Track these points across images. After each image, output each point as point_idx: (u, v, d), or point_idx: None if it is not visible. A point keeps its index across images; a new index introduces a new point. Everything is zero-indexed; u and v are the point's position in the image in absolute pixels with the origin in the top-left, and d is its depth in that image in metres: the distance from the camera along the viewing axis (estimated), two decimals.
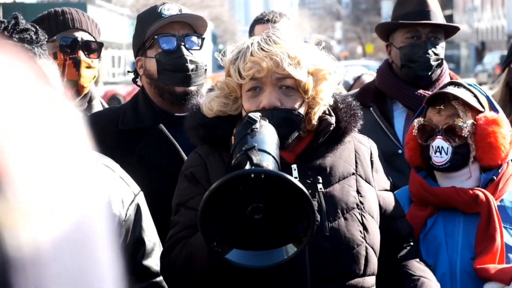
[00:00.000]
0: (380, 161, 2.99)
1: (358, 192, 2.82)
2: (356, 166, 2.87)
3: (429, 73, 4.04)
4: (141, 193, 2.98)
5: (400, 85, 4.09)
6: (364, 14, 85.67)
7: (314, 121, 2.81)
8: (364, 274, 2.75)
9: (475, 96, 3.21)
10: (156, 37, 3.55)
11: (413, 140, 3.28)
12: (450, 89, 3.19)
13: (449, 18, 55.38)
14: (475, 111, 3.18)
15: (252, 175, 2.27)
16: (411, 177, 3.31)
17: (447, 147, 3.17)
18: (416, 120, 3.28)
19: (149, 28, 3.55)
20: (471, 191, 3.15)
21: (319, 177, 2.77)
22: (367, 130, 3.94)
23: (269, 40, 2.74)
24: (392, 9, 4.34)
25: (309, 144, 2.84)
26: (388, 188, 2.98)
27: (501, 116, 3.21)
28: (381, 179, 2.95)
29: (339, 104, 2.89)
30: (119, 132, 3.56)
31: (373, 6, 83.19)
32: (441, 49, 4.12)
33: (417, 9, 4.12)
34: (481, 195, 3.13)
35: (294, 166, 2.78)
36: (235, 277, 2.63)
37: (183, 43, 3.57)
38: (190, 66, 3.53)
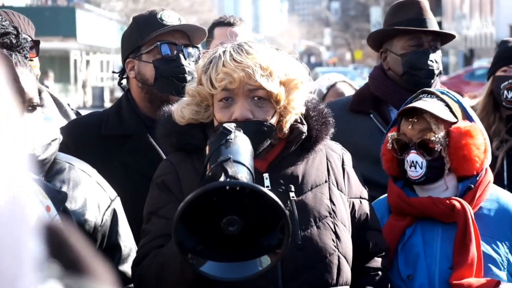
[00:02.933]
0: (355, 169, 2.97)
1: (330, 200, 2.81)
2: (329, 174, 2.86)
3: (432, 81, 4.05)
4: (118, 199, 2.98)
5: (401, 92, 4.05)
6: (353, 21, 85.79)
7: (286, 129, 2.80)
8: (337, 284, 2.73)
9: (448, 105, 3.20)
10: (158, 43, 3.55)
11: (389, 152, 3.26)
12: (421, 103, 3.17)
13: (438, 25, 55.30)
14: (448, 123, 3.17)
15: (227, 187, 2.28)
16: (389, 188, 3.30)
17: (421, 161, 3.15)
18: (389, 135, 3.26)
19: (150, 33, 3.54)
20: (447, 201, 3.14)
21: (291, 185, 2.77)
22: (369, 137, 3.93)
23: (241, 50, 2.72)
24: (386, 16, 4.29)
25: (281, 153, 2.82)
26: (363, 196, 2.97)
27: (475, 125, 3.19)
28: (354, 187, 2.93)
29: (311, 112, 2.87)
30: (102, 137, 3.55)
31: (362, 12, 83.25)
32: (439, 57, 4.14)
33: (418, 16, 4.10)
34: (458, 205, 3.12)
35: (266, 175, 2.77)
36: (206, 286, 2.62)
37: (182, 53, 3.58)
38: (188, 77, 3.53)
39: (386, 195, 3.35)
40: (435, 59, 4.08)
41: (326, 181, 2.84)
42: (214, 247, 2.40)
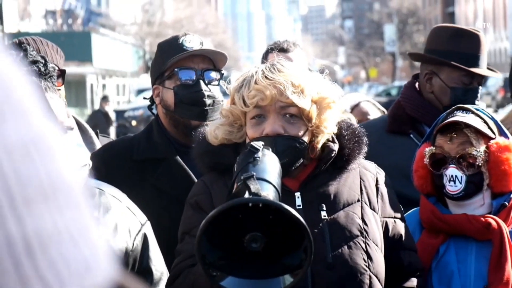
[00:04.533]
0: (389, 188, 2.96)
1: (362, 219, 2.80)
2: (361, 193, 2.86)
3: None
4: (148, 223, 2.99)
5: (439, 114, 4.02)
6: (366, 39, 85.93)
7: (318, 149, 2.81)
8: None
9: (485, 121, 3.18)
10: (176, 69, 3.56)
11: (423, 168, 3.23)
12: (460, 116, 3.15)
13: None
14: (487, 138, 3.15)
15: (250, 204, 2.28)
16: (421, 203, 3.27)
17: (461, 176, 3.13)
18: (427, 149, 3.22)
19: (170, 59, 3.55)
20: (483, 219, 3.11)
21: (323, 204, 2.76)
22: (410, 156, 3.91)
23: (273, 68, 2.75)
24: (439, 37, 4.19)
25: (312, 171, 2.83)
26: (397, 216, 2.95)
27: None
28: (387, 207, 2.92)
29: (343, 131, 2.87)
30: (133, 161, 3.57)
31: (375, 30, 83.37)
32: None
33: (476, 53, 4.07)
34: (493, 223, 3.09)
35: (297, 194, 2.77)
36: None
37: (202, 78, 3.58)
38: (208, 101, 3.54)
39: (416, 208, 3.32)
40: (479, 96, 4.11)
41: (358, 200, 2.84)
42: (236, 263, 2.40)
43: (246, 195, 2.33)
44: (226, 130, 2.83)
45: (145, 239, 2.93)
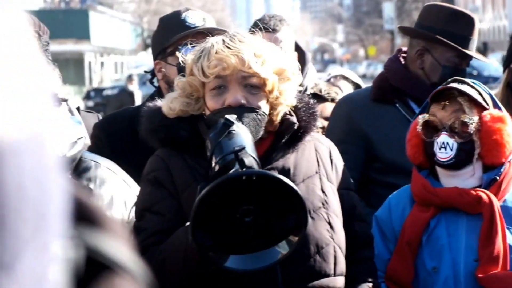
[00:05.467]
0: (340, 160, 2.97)
1: (322, 191, 2.80)
2: (318, 165, 2.85)
3: None
4: None
5: (424, 86, 4.05)
6: (365, 17, 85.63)
7: (277, 122, 2.79)
8: (334, 274, 2.74)
9: (480, 93, 3.19)
10: (179, 47, 3.55)
11: (416, 136, 3.24)
12: (456, 85, 3.18)
13: None
14: (480, 108, 3.16)
15: (244, 177, 2.29)
16: (413, 177, 3.28)
17: (452, 143, 3.14)
18: (420, 116, 3.24)
19: (172, 36, 3.53)
20: (473, 192, 3.13)
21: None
22: (397, 125, 3.95)
23: (234, 38, 2.72)
24: (435, 16, 4.20)
25: (272, 145, 2.81)
26: (350, 187, 2.98)
27: (506, 113, 3.19)
28: (342, 178, 2.92)
29: (298, 104, 2.85)
30: (135, 132, 3.56)
31: (374, 8, 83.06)
32: None
33: (470, 35, 4.12)
34: (484, 197, 3.10)
35: None
36: (208, 279, 2.60)
37: None
38: None
39: (408, 185, 3.34)
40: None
41: (316, 172, 2.83)
42: (232, 241, 2.41)
43: (238, 168, 2.34)
44: (184, 101, 2.76)
45: None
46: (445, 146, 3.14)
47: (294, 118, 2.80)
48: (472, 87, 3.19)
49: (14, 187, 0.62)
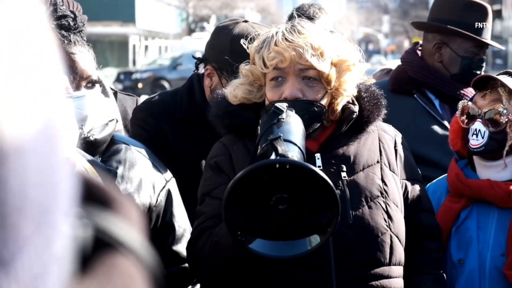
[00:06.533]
0: (407, 151, 2.97)
1: (382, 180, 2.81)
2: (381, 155, 2.87)
3: None
4: (173, 180, 3.02)
5: (443, 78, 4.14)
6: (412, 8, 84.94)
7: (338, 112, 2.81)
8: (390, 263, 2.74)
9: None
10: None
11: (457, 122, 3.26)
12: (500, 76, 3.16)
13: (497, 13, 54.65)
14: None
15: (277, 165, 2.29)
16: (450, 167, 3.28)
17: (484, 131, 3.12)
18: (461, 102, 3.26)
19: (236, 63, 3.39)
20: (505, 186, 3.11)
21: (343, 165, 2.77)
22: (416, 116, 3.98)
23: (294, 30, 2.74)
24: (450, 7, 4.25)
25: (332, 133, 2.84)
26: (416, 178, 2.97)
27: None
28: (406, 168, 2.93)
29: (362, 93, 2.87)
30: (176, 118, 3.55)
31: (421, 0, 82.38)
32: None
33: (485, 25, 4.18)
34: None
35: (317, 155, 2.78)
36: (259, 266, 2.64)
37: None
38: None
39: (446, 175, 3.33)
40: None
41: (378, 162, 2.85)
42: (263, 225, 2.42)
43: (273, 156, 2.35)
44: (246, 89, 2.84)
45: (169, 195, 2.96)
46: (477, 133, 3.14)
47: (355, 107, 2.83)
48: None
49: (17, 186, 0.62)
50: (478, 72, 4.12)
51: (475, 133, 3.15)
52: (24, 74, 0.63)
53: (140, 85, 33.07)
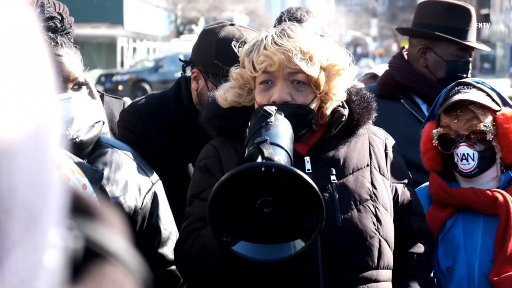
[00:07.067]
0: (398, 155, 2.97)
1: (372, 183, 2.81)
2: (371, 158, 2.87)
3: None
4: (159, 182, 3.02)
5: (430, 82, 4.15)
6: (400, 12, 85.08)
7: (327, 116, 2.81)
8: (378, 267, 2.74)
9: (487, 94, 3.16)
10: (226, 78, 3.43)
11: (432, 149, 3.22)
12: (463, 93, 3.13)
13: (485, 17, 54.81)
14: (492, 110, 3.13)
15: (263, 169, 2.29)
16: (430, 178, 3.27)
17: (473, 153, 3.11)
18: (434, 131, 3.20)
19: (229, 65, 3.40)
20: (490, 193, 3.10)
21: (332, 168, 2.77)
22: (401, 121, 3.98)
23: (283, 34, 2.75)
24: (432, 12, 4.25)
25: (322, 136, 2.83)
26: (405, 181, 2.97)
27: None
28: (397, 172, 2.93)
29: (353, 97, 2.88)
30: (163, 121, 3.54)
31: (409, 3, 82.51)
32: None
33: (468, 27, 4.18)
34: (500, 197, 3.07)
35: (307, 158, 2.78)
36: (246, 269, 2.64)
37: None
38: None
39: (427, 184, 3.32)
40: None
41: (368, 165, 2.85)
42: (249, 228, 2.42)
43: (259, 159, 2.35)
44: (236, 92, 2.84)
45: (154, 198, 2.95)
46: (466, 158, 3.12)
47: (345, 111, 2.83)
48: (479, 89, 3.16)
49: (6, 188, 0.61)
50: (464, 76, 4.11)
51: (464, 157, 3.13)
52: (16, 77, 0.63)
53: (120, 87, 32.89)
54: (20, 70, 0.64)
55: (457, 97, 3.13)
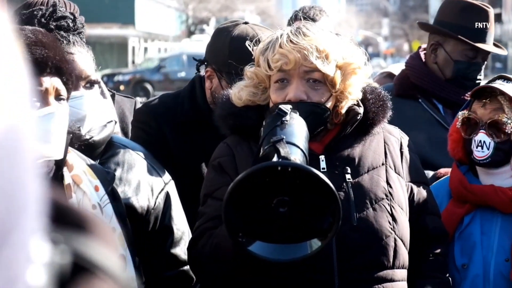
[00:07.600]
0: (413, 154, 2.95)
1: (387, 182, 2.79)
2: (386, 157, 2.85)
3: None
4: (172, 182, 3.00)
5: (444, 84, 4.10)
6: (411, 11, 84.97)
7: (342, 115, 2.79)
8: (393, 267, 2.72)
9: None
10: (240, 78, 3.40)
11: (457, 132, 3.21)
12: (498, 84, 3.11)
13: (497, 16, 54.68)
14: None
15: (279, 168, 2.27)
16: (451, 172, 3.25)
17: (489, 142, 3.09)
18: (460, 113, 3.20)
19: (243, 64, 3.37)
20: (510, 191, 3.08)
21: (347, 167, 2.76)
22: (418, 120, 3.95)
23: (299, 32, 2.73)
24: (449, 10, 4.22)
25: (337, 135, 2.82)
26: (422, 181, 2.95)
27: None
28: (412, 171, 2.91)
29: (368, 95, 2.86)
30: (177, 121, 3.53)
31: (420, 3, 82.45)
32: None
33: (485, 29, 4.10)
34: None
35: (322, 157, 2.76)
36: (261, 269, 2.62)
37: None
38: None
39: (447, 177, 3.29)
40: (482, 72, 4.14)
41: (383, 164, 2.83)
42: (264, 228, 2.40)
43: (275, 158, 2.33)
44: (251, 91, 2.82)
45: (167, 198, 2.94)
46: (482, 145, 3.10)
47: (360, 109, 2.82)
48: None
49: None
50: (474, 78, 4.07)
51: (479, 144, 3.11)
52: None
53: (121, 87, 32.76)
54: None
55: (490, 84, 3.13)
